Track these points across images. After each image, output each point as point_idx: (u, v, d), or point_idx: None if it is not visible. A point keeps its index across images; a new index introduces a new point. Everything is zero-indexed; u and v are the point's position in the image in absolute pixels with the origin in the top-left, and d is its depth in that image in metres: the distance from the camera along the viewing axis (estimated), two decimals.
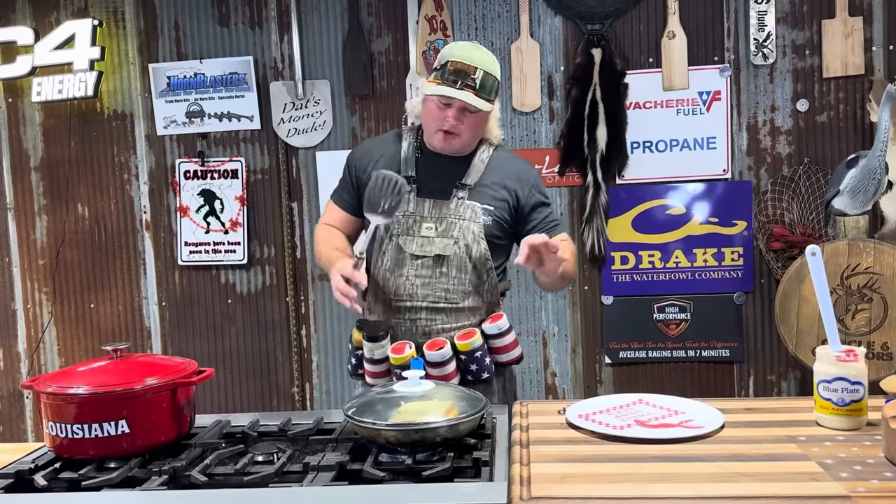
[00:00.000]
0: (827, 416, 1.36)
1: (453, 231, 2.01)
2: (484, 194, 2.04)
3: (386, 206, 1.94)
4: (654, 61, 3.31)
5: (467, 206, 2.02)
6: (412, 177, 2.05)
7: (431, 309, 2.03)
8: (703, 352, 3.38)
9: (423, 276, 2.02)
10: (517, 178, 2.07)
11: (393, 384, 1.67)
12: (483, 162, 2.07)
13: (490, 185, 2.05)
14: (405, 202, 2.02)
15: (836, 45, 3.19)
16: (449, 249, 2.01)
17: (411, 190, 2.03)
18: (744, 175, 3.31)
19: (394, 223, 2.02)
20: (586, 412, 1.46)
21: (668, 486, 1.12)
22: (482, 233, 2.02)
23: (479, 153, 2.08)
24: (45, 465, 1.53)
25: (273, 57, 3.49)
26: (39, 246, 3.67)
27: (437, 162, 2.06)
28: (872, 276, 2.88)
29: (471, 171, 2.05)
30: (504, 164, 2.09)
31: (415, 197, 2.04)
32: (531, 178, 2.10)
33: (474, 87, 1.93)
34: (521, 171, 2.10)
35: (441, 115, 1.97)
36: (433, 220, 2.02)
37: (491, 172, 2.06)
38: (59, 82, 3.49)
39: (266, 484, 1.37)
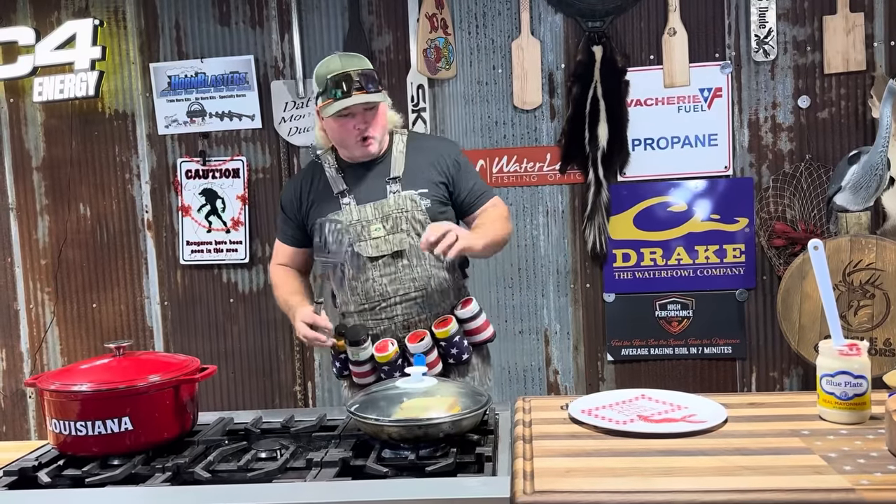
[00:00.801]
0: (830, 410, 1.36)
1: (401, 224, 2.10)
2: (415, 180, 2.14)
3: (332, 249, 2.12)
4: (655, 58, 3.30)
5: (405, 197, 2.11)
6: (346, 189, 2.15)
7: (405, 302, 2.13)
8: (705, 349, 3.38)
9: (388, 273, 2.12)
10: (437, 154, 2.18)
11: (395, 380, 1.67)
12: (402, 152, 2.17)
13: (417, 169, 2.15)
14: (348, 212, 2.12)
15: (837, 41, 3.19)
16: (404, 243, 2.10)
17: (349, 202, 2.13)
18: (745, 172, 3.31)
19: (343, 234, 2.12)
20: (589, 407, 1.47)
21: (672, 480, 1.12)
22: (427, 216, 2.11)
23: (394, 146, 2.19)
24: (49, 462, 1.54)
25: (274, 56, 3.49)
26: (41, 246, 3.68)
27: (362, 170, 2.16)
28: (875, 272, 2.87)
29: (394, 164, 2.15)
30: (421, 145, 2.21)
31: (356, 206, 2.13)
32: (450, 151, 2.21)
33: (362, 86, 2.03)
34: (439, 147, 2.23)
35: (349, 127, 2.06)
36: (379, 220, 2.11)
37: (413, 157, 2.17)
38: (61, 82, 3.49)
39: (269, 480, 1.37)
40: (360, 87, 2.03)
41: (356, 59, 2.10)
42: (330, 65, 2.09)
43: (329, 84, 2.05)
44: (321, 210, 2.18)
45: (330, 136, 2.16)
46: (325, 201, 2.18)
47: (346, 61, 2.08)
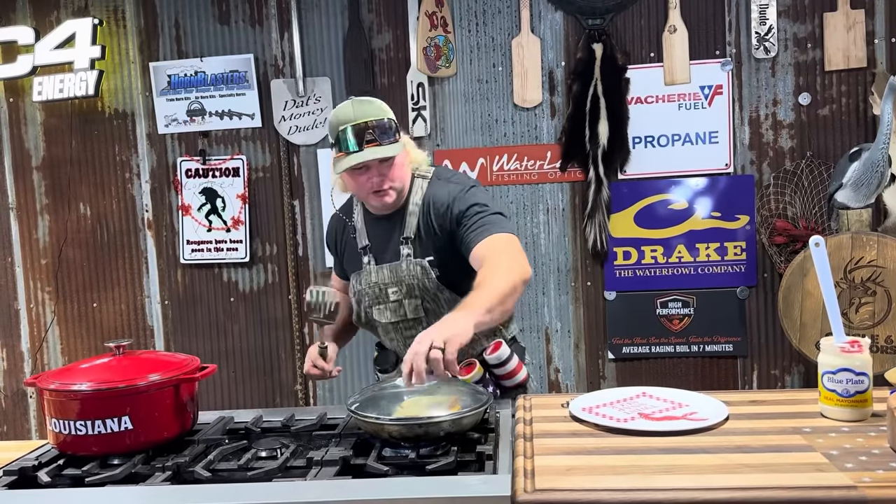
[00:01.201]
0: (831, 408, 1.35)
1: (415, 291, 1.99)
2: (426, 243, 1.98)
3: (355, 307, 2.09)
4: (656, 56, 3.30)
5: (416, 265, 1.97)
6: (368, 247, 2.07)
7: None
8: (706, 347, 3.38)
9: (410, 336, 1.96)
10: (439, 210, 1.96)
11: (396, 379, 1.67)
12: (417, 205, 2.00)
13: (429, 230, 1.98)
14: (367, 274, 2.04)
15: (837, 38, 3.18)
16: (419, 310, 2.00)
17: (369, 262, 2.04)
18: (746, 169, 3.30)
19: (363, 296, 2.05)
20: (590, 405, 1.46)
21: (673, 478, 1.12)
22: (440, 286, 1.97)
23: (412, 197, 2.01)
24: (49, 461, 1.54)
25: (274, 54, 3.49)
26: (42, 245, 3.67)
27: (382, 222, 2.05)
28: (876, 269, 2.87)
29: (408, 222, 2.00)
30: (436, 195, 1.99)
31: (374, 266, 2.04)
32: (448, 200, 1.96)
33: (375, 138, 1.89)
34: (442, 199, 1.97)
35: (365, 181, 1.94)
36: (394, 283, 2.01)
37: (427, 213, 1.99)
38: (60, 81, 3.49)
39: (270, 479, 1.36)
40: (372, 139, 1.89)
41: (371, 107, 1.94)
42: (341, 114, 1.94)
43: (340, 136, 1.91)
44: (349, 263, 2.14)
45: (347, 186, 2.04)
46: (352, 255, 2.12)
47: (360, 109, 1.92)
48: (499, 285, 1.71)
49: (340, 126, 1.91)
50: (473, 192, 1.97)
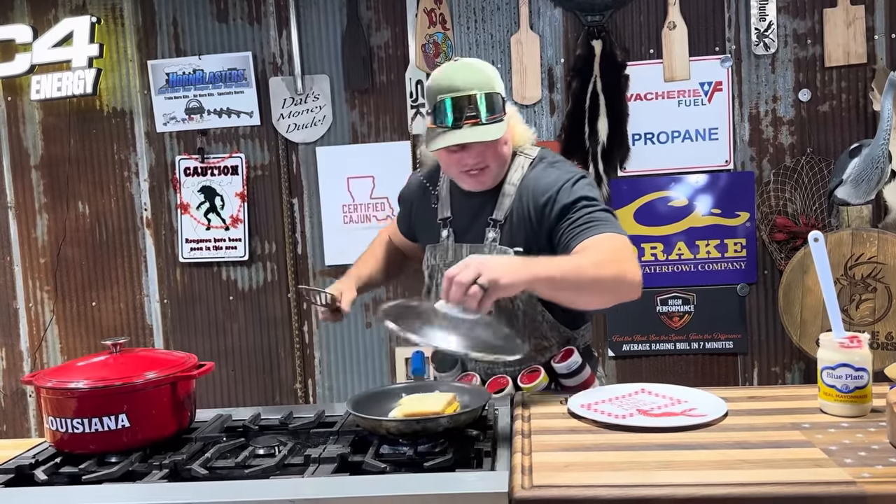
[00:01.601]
0: (831, 403, 1.35)
1: None
2: (516, 230, 1.76)
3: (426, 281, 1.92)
4: (655, 52, 3.29)
5: (501, 252, 1.75)
6: (448, 218, 1.86)
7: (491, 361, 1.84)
8: (706, 344, 3.37)
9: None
10: (539, 199, 1.73)
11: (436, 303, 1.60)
12: (514, 186, 1.78)
13: (522, 216, 1.76)
14: (444, 249, 1.85)
15: (837, 34, 3.17)
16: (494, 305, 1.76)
17: (448, 236, 1.85)
18: (746, 166, 3.30)
19: (437, 272, 1.85)
20: (588, 402, 1.45)
21: (671, 474, 1.11)
22: None
23: (510, 176, 1.79)
24: (46, 460, 1.53)
25: (272, 52, 3.48)
26: (40, 244, 3.67)
27: (470, 197, 1.83)
28: (876, 265, 2.86)
29: (500, 204, 1.78)
30: (538, 179, 1.76)
31: (453, 242, 1.84)
32: (552, 189, 1.72)
33: (477, 116, 1.66)
34: (545, 186, 1.73)
35: (458, 159, 1.73)
36: None
37: (523, 198, 1.76)
38: (58, 80, 3.48)
39: (267, 476, 1.36)
40: (473, 115, 1.65)
41: (477, 75, 1.68)
42: (442, 78, 1.70)
43: (437, 106, 1.68)
44: (423, 232, 1.95)
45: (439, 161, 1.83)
46: (429, 224, 1.92)
47: (465, 76, 1.68)
48: (585, 265, 1.51)
49: (439, 95, 1.68)
50: (582, 184, 1.72)
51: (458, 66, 1.71)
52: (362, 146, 3.45)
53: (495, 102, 1.68)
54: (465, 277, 1.39)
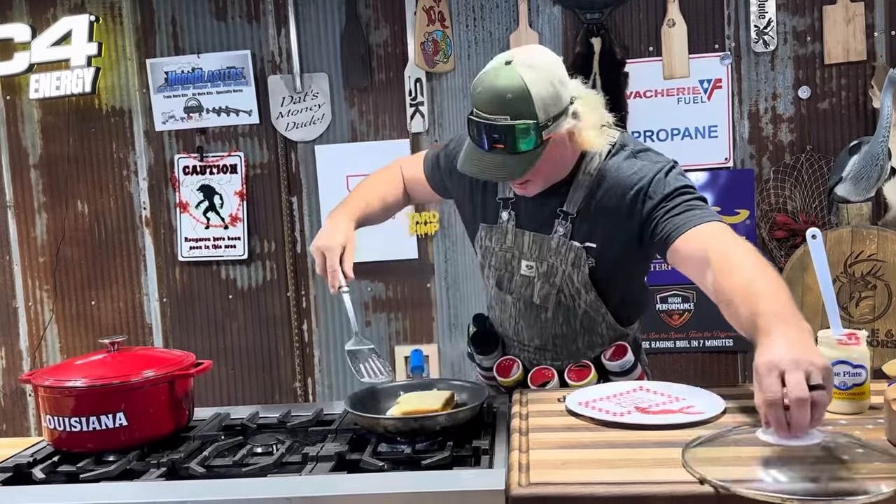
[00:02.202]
0: None
1: (555, 277, 1.66)
2: (590, 225, 1.62)
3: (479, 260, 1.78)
4: (655, 50, 3.29)
5: (570, 248, 1.62)
6: (510, 199, 1.71)
7: (539, 349, 1.78)
8: (706, 342, 3.37)
9: (527, 317, 1.75)
10: (625, 190, 1.57)
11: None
12: (590, 175, 1.61)
13: (598, 211, 1.61)
14: (502, 233, 1.72)
15: (837, 32, 3.17)
16: (550, 300, 1.69)
17: (509, 219, 1.71)
18: (746, 163, 3.29)
19: (490, 255, 1.75)
20: (586, 399, 1.45)
21: (668, 472, 1.11)
22: (589, 284, 1.65)
23: (583, 166, 1.62)
24: (44, 458, 1.53)
25: (271, 50, 3.48)
26: (40, 243, 3.67)
27: None
28: (876, 263, 2.86)
29: (572, 195, 1.62)
30: (613, 174, 1.59)
31: (513, 227, 1.70)
32: (641, 181, 1.55)
33: (504, 145, 1.48)
34: (632, 177, 1.57)
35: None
36: (533, 258, 1.68)
37: (599, 190, 1.60)
38: (57, 79, 3.48)
39: (265, 474, 1.36)
40: (499, 140, 1.48)
41: (515, 95, 1.45)
42: (480, 88, 1.50)
43: (468, 120, 1.53)
44: (476, 206, 1.78)
45: None
46: (485, 198, 1.76)
47: (500, 92, 1.46)
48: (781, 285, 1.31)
49: (473, 107, 1.52)
50: (676, 174, 1.55)
51: (501, 74, 1.48)
52: (361, 144, 3.45)
53: (529, 136, 1.47)
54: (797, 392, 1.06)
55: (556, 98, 1.48)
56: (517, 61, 1.48)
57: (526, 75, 1.46)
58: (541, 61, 1.50)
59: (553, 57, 1.55)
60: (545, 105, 1.47)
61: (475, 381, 1.84)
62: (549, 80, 1.48)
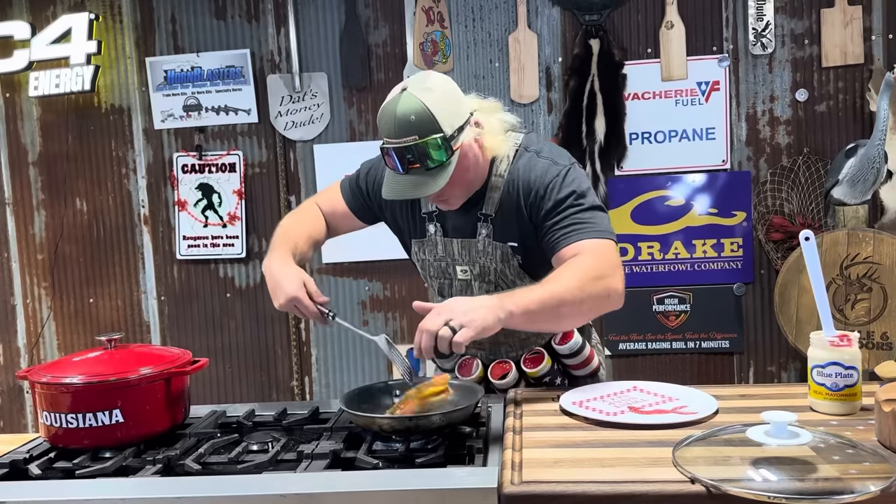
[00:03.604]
0: (821, 402, 1.35)
1: (489, 276, 1.76)
2: (508, 223, 1.73)
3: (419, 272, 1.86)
4: (653, 51, 3.29)
5: (496, 247, 1.73)
6: (434, 213, 1.79)
7: (493, 343, 1.84)
8: (702, 343, 3.38)
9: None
10: (530, 192, 1.69)
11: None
12: (501, 177, 1.72)
13: (512, 210, 1.72)
14: (433, 245, 1.81)
15: (835, 34, 3.18)
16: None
17: (436, 230, 1.80)
18: (743, 165, 3.30)
19: (427, 266, 1.84)
20: (580, 399, 1.46)
21: (660, 470, 1.12)
22: (522, 273, 1.75)
23: (495, 169, 1.73)
24: (40, 454, 1.53)
25: (270, 50, 3.48)
26: (38, 241, 3.67)
27: None
28: (872, 265, 2.87)
29: (488, 197, 1.73)
30: (527, 170, 1.71)
31: (442, 238, 1.80)
32: (544, 184, 1.67)
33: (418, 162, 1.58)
34: (537, 180, 1.68)
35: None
36: (465, 262, 1.77)
37: (510, 190, 1.72)
38: (56, 77, 3.48)
39: (260, 471, 1.36)
40: (413, 161, 1.58)
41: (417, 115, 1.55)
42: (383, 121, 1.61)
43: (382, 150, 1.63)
44: (404, 224, 1.87)
45: None
46: (410, 216, 1.85)
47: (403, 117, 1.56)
48: (563, 292, 1.50)
49: (383, 138, 1.62)
50: (573, 176, 1.67)
51: (400, 102, 1.58)
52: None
53: (439, 149, 1.57)
54: (432, 326, 1.42)
55: (455, 111, 1.60)
56: (412, 88, 1.59)
57: (423, 97, 1.57)
58: (434, 83, 1.62)
59: (444, 77, 1.66)
60: (448, 118, 1.58)
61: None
62: (445, 96, 1.60)
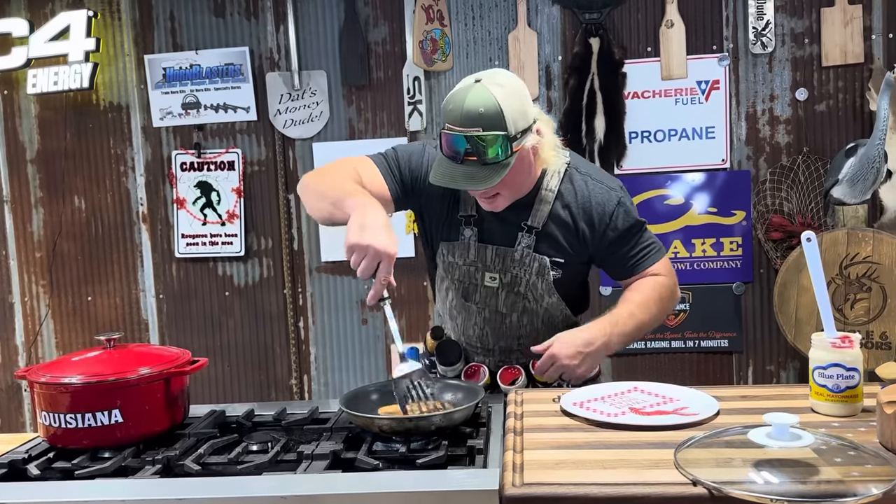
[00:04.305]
0: (822, 403, 1.35)
1: (519, 286, 1.78)
2: (553, 239, 1.76)
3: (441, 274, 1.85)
4: (653, 50, 3.29)
5: (534, 259, 1.75)
6: (472, 216, 1.79)
7: (504, 351, 1.89)
8: (701, 342, 3.37)
9: (493, 324, 1.85)
10: (587, 213, 1.75)
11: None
12: (552, 192, 1.75)
13: (560, 226, 1.76)
14: (464, 248, 1.80)
15: (835, 34, 3.17)
16: (517, 307, 1.81)
17: (471, 235, 1.79)
18: (742, 165, 3.30)
19: (454, 269, 1.83)
20: (581, 400, 1.46)
21: (662, 472, 1.11)
22: (553, 289, 1.78)
23: (545, 183, 1.75)
24: (39, 454, 1.53)
25: (269, 47, 3.47)
26: (36, 239, 3.67)
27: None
28: (871, 265, 2.87)
29: (536, 210, 1.75)
30: (577, 191, 1.76)
31: (475, 242, 1.79)
32: (608, 205, 1.75)
33: (477, 156, 1.58)
34: (594, 204, 1.75)
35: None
36: (496, 269, 1.78)
37: (561, 207, 1.75)
38: (55, 74, 3.47)
39: (260, 472, 1.36)
40: (472, 154, 1.57)
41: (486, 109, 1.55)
42: (452, 105, 1.60)
43: (441, 136, 1.63)
44: (440, 224, 1.83)
45: None
46: (445, 216, 1.82)
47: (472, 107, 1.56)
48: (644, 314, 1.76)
49: (446, 123, 1.61)
50: (629, 203, 1.79)
51: (472, 92, 1.58)
52: (359, 142, 3.45)
53: (499, 146, 1.57)
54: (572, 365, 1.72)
55: (523, 114, 1.61)
56: (486, 81, 1.61)
57: (496, 92, 1.58)
58: (508, 81, 1.63)
59: (517, 79, 1.69)
60: (514, 119, 1.58)
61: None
62: (516, 97, 1.61)
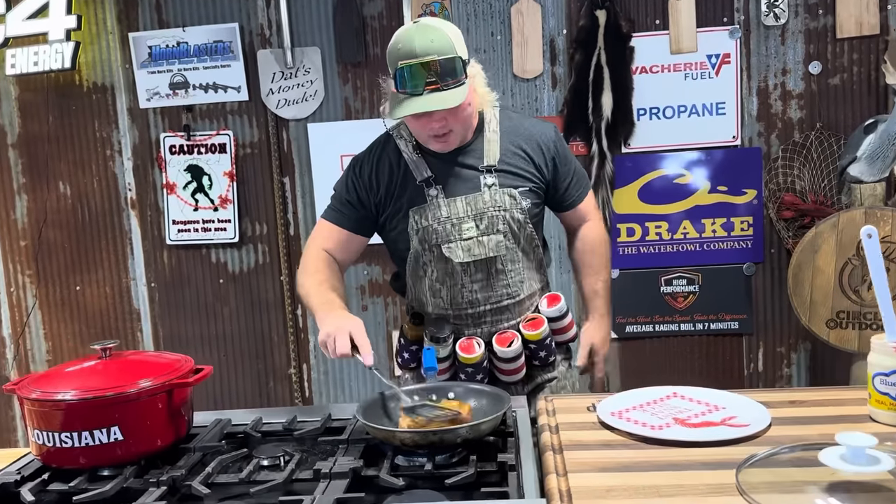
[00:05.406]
0: (885, 412, 1.25)
1: (497, 224, 1.82)
2: (512, 172, 1.84)
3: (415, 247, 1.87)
4: (661, 23, 3.16)
5: (504, 194, 1.82)
6: (431, 178, 1.84)
7: (495, 310, 1.89)
8: (711, 325, 3.30)
9: (479, 279, 1.86)
10: (535, 139, 1.87)
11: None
12: (495, 132, 1.85)
13: (514, 158, 1.85)
14: (436, 207, 1.82)
15: (850, 4, 3.06)
16: (501, 247, 1.83)
17: (436, 194, 1.83)
18: (754, 141, 3.20)
19: (430, 233, 1.83)
20: (619, 409, 1.36)
21: (725, 500, 1.01)
22: (527, 218, 1.85)
23: (485, 126, 1.86)
24: (32, 475, 1.42)
25: (260, 23, 3.31)
26: (20, 227, 3.52)
27: (448, 154, 1.84)
28: (890, 245, 2.78)
29: (488, 150, 1.84)
30: (516, 127, 1.88)
31: (444, 199, 1.82)
32: (549, 135, 1.90)
33: (437, 82, 1.67)
34: (537, 129, 1.89)
35: (424, 124, 1.75)
36: (471, 217, 1.82)
37: (508, 143, 1.85)
38: (35, 54, 3.30)
39: (275, 495, 1.25)
40: (433, 81, 1.67)
41: (437, 41, 1.68)
42: (402, 44, 1.70)
43: (398, 74, 1.70)
44: (402, 200, 1.87)
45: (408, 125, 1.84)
46: (407, 190, 1.86)
47: (425, 42, 1.67)
48: (607, 278, 2.09)
49: (399, 62, 1.69)
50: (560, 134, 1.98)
51: (417, 29, 1.71)
52: (356, 122, 3.31)
53: (455, 67, 1.69)
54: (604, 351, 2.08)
55: (463, 45, 1.75)
56: (424, 21, 1.75)
57: (439, 25, 1.73)
58: (443, 22, 1.77)
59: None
60: (461, 46, 1.73)
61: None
62: (455, 31, 1.75)
